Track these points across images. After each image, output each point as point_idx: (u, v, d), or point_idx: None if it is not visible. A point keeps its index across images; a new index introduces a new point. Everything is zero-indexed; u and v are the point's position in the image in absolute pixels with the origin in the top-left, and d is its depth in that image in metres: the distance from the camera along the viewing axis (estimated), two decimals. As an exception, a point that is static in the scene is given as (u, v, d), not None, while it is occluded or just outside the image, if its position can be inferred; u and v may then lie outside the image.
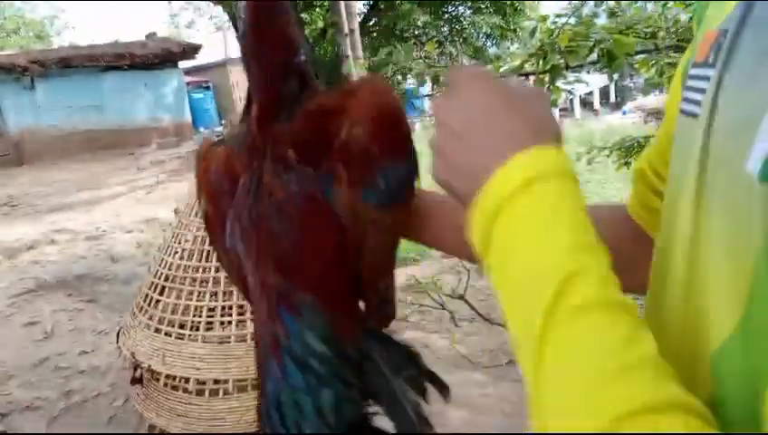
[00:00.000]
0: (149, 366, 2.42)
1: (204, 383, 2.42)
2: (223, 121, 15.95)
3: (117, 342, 2.66)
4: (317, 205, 0.49)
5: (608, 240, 0.50)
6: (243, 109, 0.55)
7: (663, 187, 0.49)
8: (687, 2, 4.65)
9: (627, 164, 4.17)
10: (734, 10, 0.37)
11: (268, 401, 0.47)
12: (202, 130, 14.95)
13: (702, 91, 0.37)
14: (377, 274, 0.53)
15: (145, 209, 7.04)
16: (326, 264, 0.49)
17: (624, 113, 24.38)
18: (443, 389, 0.50)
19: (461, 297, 3.42)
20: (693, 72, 0.40)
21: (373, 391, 0.47)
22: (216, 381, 2.41)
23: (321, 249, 0.49)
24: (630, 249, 0.52)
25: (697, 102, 0.38)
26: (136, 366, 2.49)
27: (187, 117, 14.84)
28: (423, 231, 0.57)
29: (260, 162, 0.51)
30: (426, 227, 0.56)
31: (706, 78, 0.37)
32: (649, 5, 5.07)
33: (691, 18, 4.12)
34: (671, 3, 4.76)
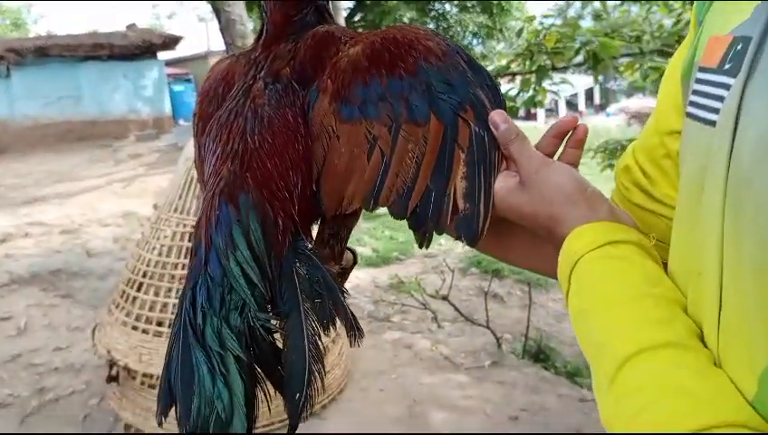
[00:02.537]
0: (126, 364, 2.37)
1: (182, 383, 2.38)
2: (204, 115, 15.77)
3: (92, 339, 2.59)
4: (292, 114, 0.51)
5: None
6: (258, 32, 0.58)
7: (648, 183, 0.51)
8: (671, 7, 4.70)
9: (611, 166, 4.20)
10: (754, 16, 0.36)
11: (188, 280, 0.46)
12: (182, 122, 14.76)
13: (717, 97, 0.37)
14: (332, 201, 0.51)
15: (122, 203, 6.92)
16: (283, 168, 0.49)
17: (608, 115, 24.70)
18: (353, 331, 0.47)
19: (444, 298, 3.41)
20: (702, 76, 0.39)
21: (282, 308, 0.46)
22: (195, 381, 2.37)
23: (283, 153, 0.49)
24: None
25: (712, 109, 0.37)
26: (112, 364, 2.43)
27: (167, 109, 14.63)
28: (509, 251, 0.59)
29: (255, 73, 0.53)
30: (512, 247, 0.58)
31: (722, 85, 0.36)
32: (634, 9, 5.12)
33: (674, 24, 4.17)
34: (655, 8, 4.81)
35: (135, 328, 2.44)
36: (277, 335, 0.47)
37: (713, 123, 0.37)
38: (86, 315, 3.66)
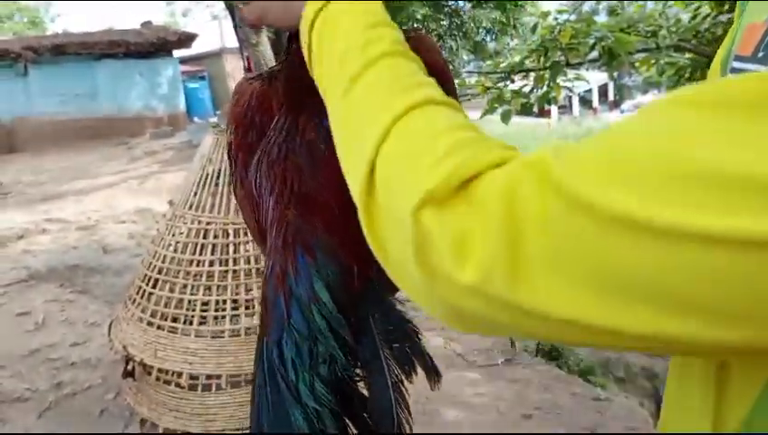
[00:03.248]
0: (141, 360, 2.39)
1: (196, 378, 2.39)
2: (218, 112, 15.86)
3: (108, 334, 2.62)
4: None
5: None
6: (284, 49, 0.56)
7: None
8: (688, 2, 4.63)
9: (624, 163, 4.16)
10: None
11: (270, 333, 0.46)
12: (196, 119, 14.85)
13: None
14: None
15: (138, 200, 6.99)
16: (348, 210, 0.48)
17: (622, 112, 24.48)
18: (433, 374, 0.48)
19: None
20: (737, 65, 0.39)
21: (362, 356, 0.46)
22: (209, 377, 2.38)
23: (345, 193, 0.48)
24: None
25: None
26: (128, 359, 2.46)
27: (182, 107, 14.74)
28: None
29: (299, 102, 0.51)
30: None
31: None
32: (650, 4, 5.06)
33: (692, 18, 4.10)
34: (671, 2, 4.75)
35: (150, 324, 2.46)
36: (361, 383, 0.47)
37: None
38: (102, 311, 3.71)
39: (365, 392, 0.47)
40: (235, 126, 0.57)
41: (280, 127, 0.52)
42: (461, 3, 13.81)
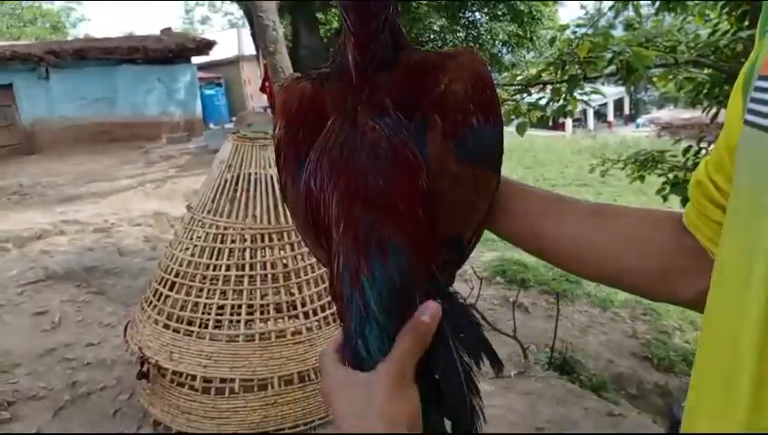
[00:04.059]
0: (156, 362, 2.42)
1: (210, 382, 2.41)
2: (233, 118, 15.99)
3: (124, 335, 2.65)
4: (409, 149, 0.51)
5: (669, 248, 0.54)
6: (331, 57, 0.57)
7: (722, 198, 0.49)
8: (707, 17, 4.62)
9: (641, 178, 4.15)
10: None
11: (350, 326, 0.48)
12: (212, 125, 14.99)
13: None
14: (452, 230, 0.54)
15: (153, 204, 7.06)
16: (414, 207, 0.50)
17: (638, 126, 24.36)
18: (496, 362, 0.50)
19: (471, 306, 3.40)
20: (762, 84, 0.39)
21: (432, 343, 0.47)
22: (223, 380, 2.40)
23: (410, 192, 0.50)
24: (688, 261, 0.53)
25: None
26: (143, 361, 2.48)
27: (198, 112, 14.88)
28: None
29: (355, 104, 0.52)
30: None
31: None
32: (668, 19, 5.05)
33: (710, 34, 4.09)
34: (690, 17, 4.74)
35: (167, 326, 2.49)
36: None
37: None
38: (117, 312, 3.75)
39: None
40: (285, 123, 0.58)
41: (338, 127, 0.52)
42: (478, 15, 13.85)
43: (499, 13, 13.52)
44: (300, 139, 0.56)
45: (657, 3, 4.71)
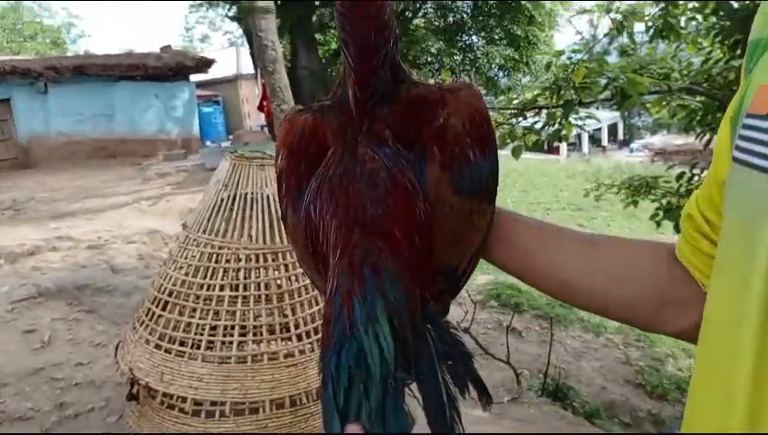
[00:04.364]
0: (147, 383, 2.39)
1: (201, 404, 2.38)
2: (230, 136, 16.04)
3: (115, 355, 2.62)
4: (407, 179, 0.52)
5: (662, 279, 0.55)
6: (333, 90, 0.58)
7: (712, 232, 0.50)
8: (700, 45, 4.70)
9: (634, 203, 4.18)
10: None
11: (331, 344, 0.47)
12: (209, 143, 15.03)
13: (766, 144, 0.37)
14: (448, 260, 0.55)
15: (148, 221, 7.04)
16: (410, 235, 0.51)
17: (631, 151, 24.55)
18: (484, 396, 0.49)
19: (465, 331, 3.39)
20: (750, 122, 0.40)
21: (420, 369, 0.47)
22: (214, 403, 2.37)
23: (408, 219, 0.51)
24: (680, 292, 0.54)
25: (763, 155, 0.37)
26: (133, 382, 2.45)
27: (196, 130, 14.92)
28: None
29: (355, 135, 0.53)
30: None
31: None
32: (661, 47, 5.13)
33: (703, 62, 4.16)
34: (683, 45, 4.81)
35: (158, 347, 2.46)
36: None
37: (765, 170, 0.37)
38: (109, 331, 3.71)
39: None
40: (287, 154, 0.59)
41: (338, 158, 0.54)
42: (475, 39, 14.02)
43: (496, 37, 13.69)
44: (301, 169, 0.57)
45: (651, 31, 4.79)
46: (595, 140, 27.15)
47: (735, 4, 4.02)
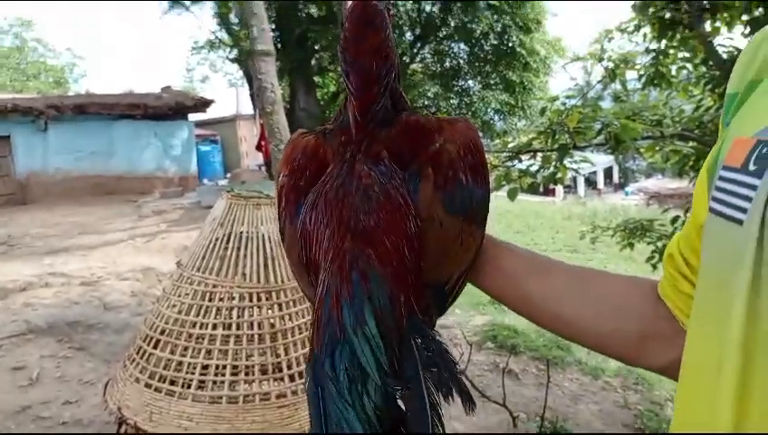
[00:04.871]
0: (135, 423, 2.34)
1: (190, 445, 2.33)
2: (228, 175, 16.13)
3: (104, 394, 2.57)
4: (399, 194, 0.54)
5: (646, 314, 0.57)
6: (335, 116, 0.61)
7: (690, 273, 0.52)
8: (691, 93, 4.80)
9: (630, 245, 4.19)
10: None
11: (322, 348, 0.48)
12: (206, 181, 15.10)
13: (743, 197, 0.38)
14: (436, 276, 0.57)
15: (143, 258, 7.01)
16: (399, 245, 0.52)
17: (627, 194, 24.78)
18: (468, 402, 0.50)
19: (461, 373, 3.34)
20: (725, 174, 0.41)
21: (404, 374, 0.49)
22: (204, 444, 2.32)
23: (398, 232, 0.53)
24: (663, 328, 0.56)
25: (738, 208, 0.39)
26: (121, 422, 2.40)
27: (193, 168, 15.02)
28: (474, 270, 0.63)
29: (353, 154, 0.56)
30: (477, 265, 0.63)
31: (747, 185, 0.38)
32: (653, 94, 5.24)
33: (695, 109, 4.24)
34: (675, 93, 4.92)
35: (148, 386, 2.42)
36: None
37: (739, 222, 0.38)
38: (99, 369, 3.65)
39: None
40: (289, 171, 0.62)
41: (336, 174, 0.56)
42: (471, 83, 14.29)
43: (491, 82, 13.97)
44: (301, 186, 0.60)
45: (643, 79, 4.90)
46: (591, 182, 27.42)
47: (724, 55, 4.13)
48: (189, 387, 2.38)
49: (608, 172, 28.69)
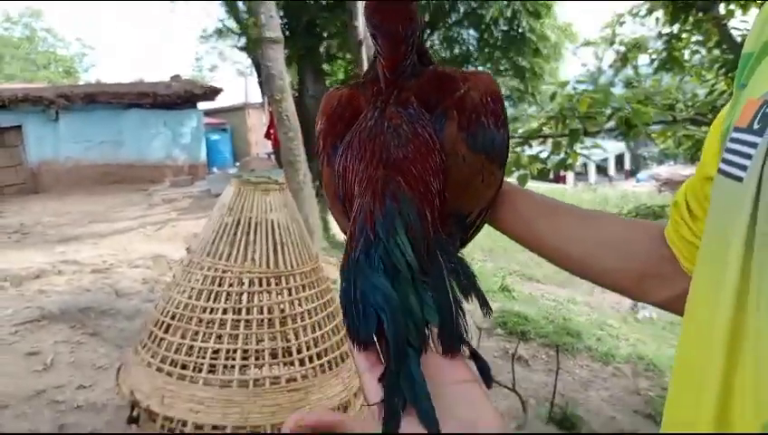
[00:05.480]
0: (148, 406, 2.37)
1: (201, 428, 2.35)
2: (237, 163, 16.18)
3: (116, 379, 2.60)
4: (426, 132, 0.60)
5: (649, 255, 0.61)
6: (366, 71, 0.68)
7: (690, 220, 0.57)
8: (704, 77, 4.74)
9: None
10: None
11: (354, 253, 0.52)
12: (215, 170, 15.15)
13: (745, 155, 0.39)
14: (459, 207, 0.63)
15: (153, 246, 7.06)
16: (427, 176, 0.58)
17: (638, 181, 24.61)
18: (485, 307, 0.55)
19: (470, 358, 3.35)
20: (735, 135, 0.42)
21: (431, 277, 0.52)
22: (215, 427, 2.34)
23: (424, 163, 0.58)
24: (664, 267, 0.60)
25: (740, 166, 0.40)
26: (133, 405, 2.43)
27: (203, 157, 15.06)
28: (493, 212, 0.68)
29: (384, 101, 0.62)
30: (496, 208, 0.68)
31: (750, 144, 0.39)
32: (666, 79, 5.17)
33: (708, 93, 4.19)
34: (687, 78, 4.86)
35: (160, 370, 2.45)
36: None
37: (740, 179, 0.39)
38: (111, 355, 3.69)
39: None
40: (325, 118, 0.69)
41: (369, 116, 0.62)
42: (480, 69, 14.19)
43: (501, 68, 13.87)
44: (337, 130, 0.66)
45: (656, 63, 4.84)
46: (602, 169, 27.23)
47: (739, 38, 4.07)
48: (200, 371, 2.40)
49: (619, 159, 28.48)
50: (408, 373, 0.45)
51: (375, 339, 0.47)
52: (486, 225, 0.70)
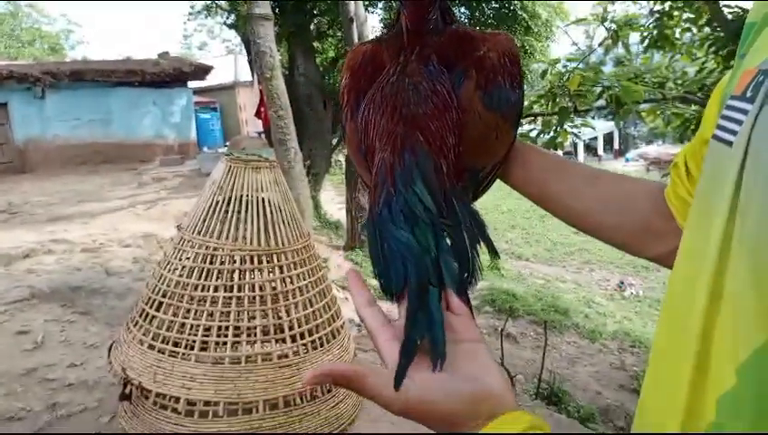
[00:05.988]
0: (140, 383, 2.38)
1: (194, 404, 2.37)
2: (227, 142, 16.05)
3: (108, 356, 2.62)
4: (445, 90, 0.63)
5: (648, 212, 0.65)
6: (389, 26, 0.70)
7: (687, 180, 0.60)
8: (694, 56, 4.73)
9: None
10: None
11: (378, 202, 0.56)
12: (205, 149, 15.03)
13: (737, 121, 0.41)
14: (473, 162, 0.66)
15: (143, 225, 7.03)
16: (444, 131, 0.61)
17: (627, 160, 24.70)
18: (493, 253, 0.58)
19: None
20: (730, 102, 0.44)
21: (448, 222, 0.56)
22: (207, 403, 2.36)
23: (442, 119, 0.61)
24: (662, 224, 0.63)
25: (732, 131, 0.41)
26: (126, 382, 2.45)
27: (193, 136, 14.93)
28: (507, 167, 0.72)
29: (406, 57, 0.64)
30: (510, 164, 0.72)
31: (742, 111, 0.40)
32: (656, 57, 5.16)
33: (698, 72, 4.18)
34: (678, 56, 4.85)
35: (151, 347, 2.46)
36: None
37: (729, 144, 0.41)
38: (102, 333, 3.70)
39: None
40: (350, 74, 0.71)
41: (392, 72, 0.65)
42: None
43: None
44: (360, 85, 0.69)
45: (646, 41, 4.82)
46: (591, 148, 27.27)
47: (730, 16, 4.06)
48: (192, 348, 2.42)
49: (608, 138, 28.52)
50: (427, 308, 0.48)
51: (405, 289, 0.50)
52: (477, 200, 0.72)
